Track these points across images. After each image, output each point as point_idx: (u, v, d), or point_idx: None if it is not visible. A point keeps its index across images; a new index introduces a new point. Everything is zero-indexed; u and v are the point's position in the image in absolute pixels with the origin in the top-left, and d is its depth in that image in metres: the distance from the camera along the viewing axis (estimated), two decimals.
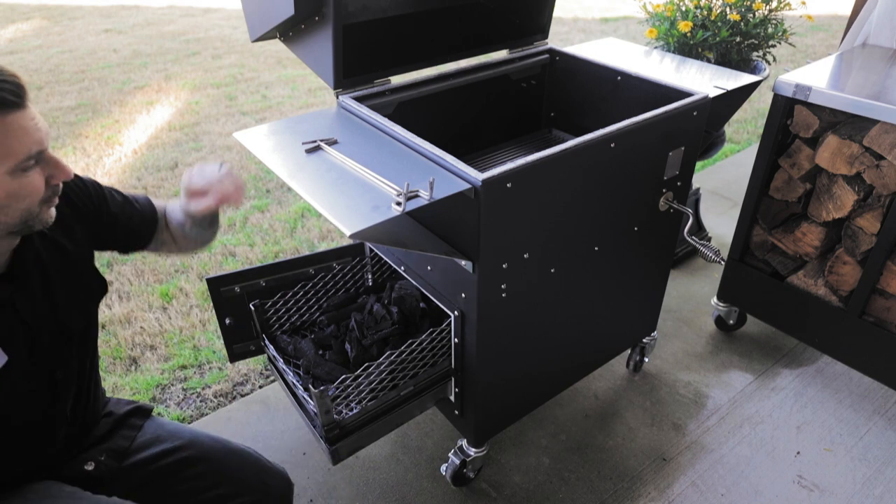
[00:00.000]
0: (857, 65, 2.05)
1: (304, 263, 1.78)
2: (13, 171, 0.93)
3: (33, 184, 0.97)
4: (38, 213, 1.01)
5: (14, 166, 0.93)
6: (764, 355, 2.28)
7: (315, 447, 1.95)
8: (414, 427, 2.00)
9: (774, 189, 2.06)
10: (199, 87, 5.09)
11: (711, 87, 1.70)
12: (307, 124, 1.54)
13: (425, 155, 1.37)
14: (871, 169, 1.81)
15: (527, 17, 1.99)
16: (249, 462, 1.37)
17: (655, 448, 1.94)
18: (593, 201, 1.53)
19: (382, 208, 1.16)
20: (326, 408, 1.40)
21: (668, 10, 2.39)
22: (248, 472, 1.35)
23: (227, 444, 1.37)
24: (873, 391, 2.12)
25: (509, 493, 1.80)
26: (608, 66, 1.86)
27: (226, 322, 1.72)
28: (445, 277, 1.49)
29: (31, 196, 0.97)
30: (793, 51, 5.51)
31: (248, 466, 1.36)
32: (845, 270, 1.97)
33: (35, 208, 0.99)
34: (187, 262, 2.86)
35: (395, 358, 1.49)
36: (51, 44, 6.30)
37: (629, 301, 1.90)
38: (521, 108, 2.12)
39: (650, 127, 1.51)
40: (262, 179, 3.61)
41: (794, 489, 1.81)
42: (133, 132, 4.25)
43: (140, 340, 2.41)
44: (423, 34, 1.82)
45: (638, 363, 2.18)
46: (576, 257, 1.58)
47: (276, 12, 1.51)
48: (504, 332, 1.53)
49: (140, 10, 7.73)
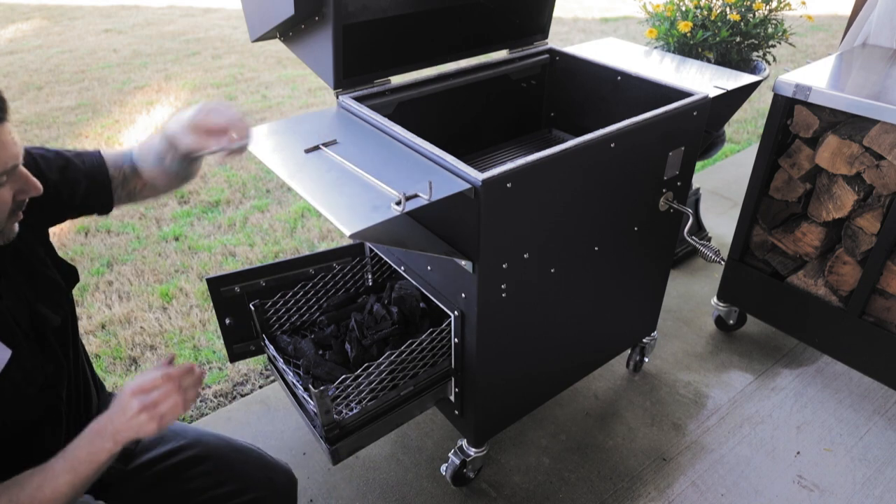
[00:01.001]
0: (857, 65, 2.05)
1: (304, 263, 1.78)
2: None
3: (1, 198, 0.93)
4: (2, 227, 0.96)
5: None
6: (764, 355, 2.28)
7: (315, 447, 1.95)
8: (414, 427, 2.00)
9: (774, 189, 2.06)
10: (199, 87, 5.09)
11: (711, 87, 1.70)
12: (307, 124, 1.54)
13: (425, 155, 1.37)
14: (871, 169, 1.81)
15: (527, 17, 1.99)
16: (254, 458, 1.37)
17: (655, 448, 1.94)
18: (593, 201, 1.53)
19: (382, 208, 1.16)
20: (326, 408, 1.40)
21: (668, 10, 2.39)
22: (252, 468, 1.35)
23: (231, 441, 1.38)
24: (873, 391, 2.12)
25: (509, 493, 1.80)
26: (608, 66, 1.86)
27: (226, 322, 1.72)
28: (445, 277, 1.49)
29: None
30: (793, 51, 5.51)
31: (253, 463, 1.36)
32: (845, 270, 1.97)
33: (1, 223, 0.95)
34: (187, 262, 2.86)
35: (395, 358, 1.49)
36: (51, 44, 6.30)
37: (629, 301, 1.90)
38: (521, 108, 2.12)
39: (650, 127, 1.51)
40: (262, 179, 3.61)
41: (794, 489, 1.81)
42: (133, 132, 4.25)
43: (140, 340, 2.41)
44: (423, 34, 1.82)
45: (638, 363, 2.18)
46: (576, 257, 1.58)
47: (276, 12, 1.51)
48: (504, 332, 1.53)
49: (140, 10, 7.73)
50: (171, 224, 3.18)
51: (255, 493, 1.31)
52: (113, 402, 1.03)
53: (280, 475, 1.38)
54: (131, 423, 1.00)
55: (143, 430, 1.00)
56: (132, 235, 3.09)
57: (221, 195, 3.43)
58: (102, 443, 0.99)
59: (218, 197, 3.42)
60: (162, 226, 3.17)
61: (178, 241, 3.04)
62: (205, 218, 3.23)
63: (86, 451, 0.98)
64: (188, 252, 2.95)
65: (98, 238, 3.06)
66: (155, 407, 1.01)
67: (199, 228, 3.14)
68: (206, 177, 3.63)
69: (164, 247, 2.99)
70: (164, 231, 3.11)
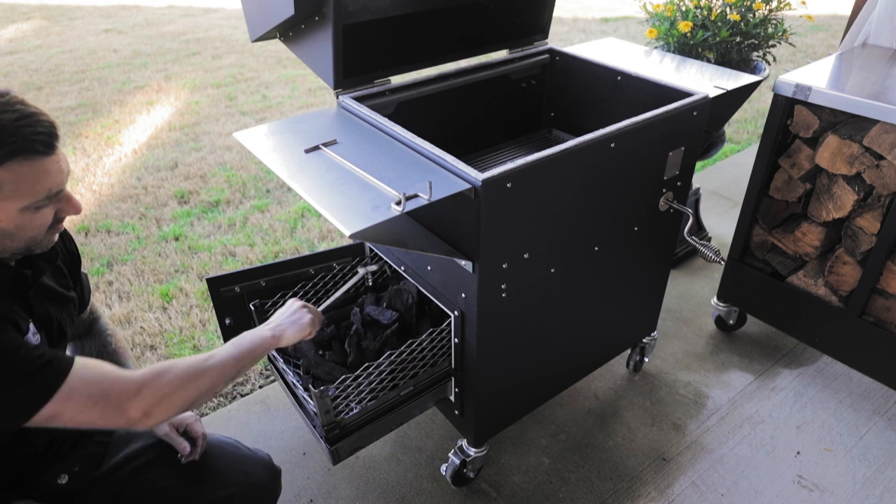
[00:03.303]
0: (857, 65, 2.05)
1: (304, 263, 1.78)
2: (26, 208, 0.97)
3: (43, 217, 1.01)
4: (41, 239, 1.05)
5: (29, 205, 0.97)
6: (764, 355, 2.28)
7: (315, 447, 1.95)
8: (414, 427, 2.00)
9: (774, 189, 2.06)
10: (199, 87, 5.09)
11: (711, 87, 1.70)
12: (307, 124, 1.54)
13: (425, 155, 1.37)
14: (871, 169, 1.81)
15: (527, 17, 1.99)
16: (228, 453, 1.36)
17: (655, 448, 1.94)
18: (593, 201, 1.53)
19: (382, 208, 1.16)
20: (326, 408, 1.40)
21: (668, 10, 2.39)
22: (225, 463, 1.34)
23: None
24: (873, 391, 2.12)
25: (509, 493, 1.80)
26: (608, 66, 1.86)
27: (226, 322, 1.72)
28: (445, 277, 1.49)
29: (38, 228, 1.02)
30: (793, 51, 5.51)
31: (227, 458, 1.35)
32: (845, 270, 1.97)
33: (40, 236, 1.04)
34: (187, 262, 2.86)
35: (395, 358, 1.49)
36: (51, 44, 6.31)
37: (629, 301, 1.90)
38: (521, 108, 2.12)
39: (650, 127, 1.51)
40: (262, 179, 3.61)
41: (794, 489, 1.81)
42: (133, 132, 4.25)
43: (140, 340, 2.41)
44: (422, 34, 1.82)
45: (638, 363, 2.18)
46: (576, 257, 1.58)
47: (276, 12, 1.51)
48: (504, 332, 1.53)
49: (140, 10, 7.73)
50: (171, 224, 3.18)
51: (230, 488, 1.30)
52: (280, 307, 1.33)
53: (257, 467, 1.37)
54: (294, 316, 1.28)
55: (302, 323, 1.27)
56: (132, 235, 3.09)
57: (221, 195, 3.43)
58: (263, 332, 1.21)
59: (218, 197, 3.42)
60: (162, 226, 3.17)
61: (178, 241, 3.04)
62: (205, 218, 3.23)
63: (249, 337, 1.18)
64: (188, 252, 2.95)
65: (98, 238, 3.06)
66: (312, 314, 1.30)
67: (199, 228, 3.14)
68: (207, 177, 3.64)
69: (164, 247, 2.99)
70: (164, 231, 3.11)
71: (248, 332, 1.20)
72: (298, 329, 1.26)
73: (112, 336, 1.43)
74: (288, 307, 1.31)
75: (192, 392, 1.04)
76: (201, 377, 1.05)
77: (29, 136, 0.93)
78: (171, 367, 1.04)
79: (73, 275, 1.28)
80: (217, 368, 1.08)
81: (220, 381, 1.09)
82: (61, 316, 1.19)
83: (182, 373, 1.04)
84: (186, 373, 1.04)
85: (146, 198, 3.42)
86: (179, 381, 1.03)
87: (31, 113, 0.95)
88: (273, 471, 1.40)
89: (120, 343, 1.43)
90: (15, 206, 0.96)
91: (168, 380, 1.02)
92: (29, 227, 1.00)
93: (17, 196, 0.95)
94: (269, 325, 1.25)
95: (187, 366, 1.05)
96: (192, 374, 1.05)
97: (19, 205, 0.96)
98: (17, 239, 1.00)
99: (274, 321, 1.27)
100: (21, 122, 0.93)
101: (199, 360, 1.07)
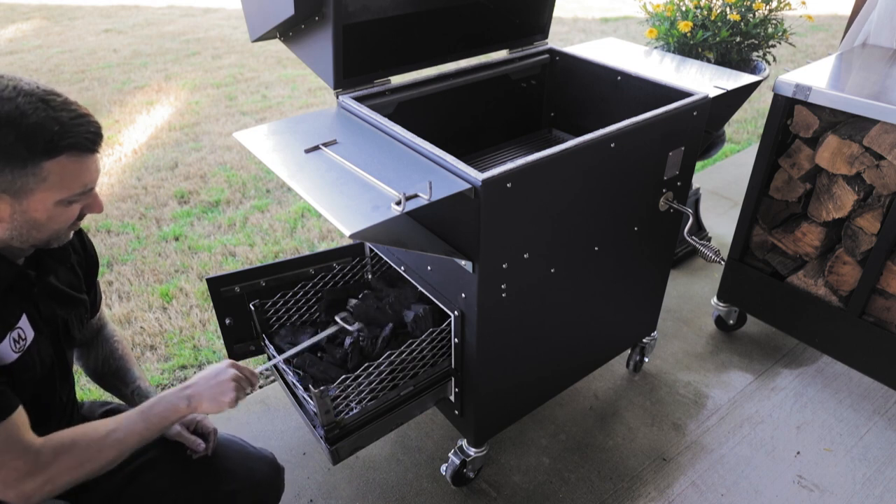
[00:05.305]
0: (856, 65, 2.05)
1: (304, 263, 1.78)
2: (61, 201, 1.03)
3: (71, 212, 1.07)
4: (63, 234, 1.11)
5: (64, 198, 1.03)
6: (764, 355, 2.28)
7: (315, 447, 1.95)
8: (414, 427, 2.00)
9: (774, 189, 2.06)
10: (199, 87, 5.09)
11: (711, 87, 1.70)
12: (307, 124, 1.54)
13: (425, 155, 1.37)
14: (871, 169, 1.81)
15: (527, 17, 1.99)
16: (233, 450, 1.37)
17: (655, 448, 1.94)
18: (593, 201, 1.53)
19: (382, 208, 1.16)
20: (326, 408, 1.40)
21: (668, 10, 2.39)
22: (230, 460, 1.35)
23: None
24: (873, 391, 2.12)
25: (509, 493, 1.80)
26: (608, 66, 1.86)
27: (226, 322, 1.72)
28: (445, 277, 1.49)
29: (65, 222, 1.08)
30: (793, 51, 5.51)
31: (231, 454, 1.36)
32: (845, 270, 1.97)
33: (63, 230, 1.09)
34: (187, 262, 2.86)
35: (394, 358, 1.49)
36: (51, 44, 6.30)
37: (629, 301, 1.90)
38: (521, 108, 2.12)
39: (650, 127, 1.51)
40: (262, 179, 3.61)
41: (794, 489, 1.81)
42: (133, 132, 4.25)
43: (140, 340, 2.41)
44: (422, 34, 1.82)
45: (638, 363, 2.18)
46: (576, 257, 1.58)
47: (276, 12, 1.51)
48: (504, 332, 1.53)
49: (140, 10, 7.73)
50: (171, 224, 3.18)
51: (232, 484, 1.31)
52: (206, 368, 1.26)
53: (261, 464, 1.38)
54: (216, 389, 1.20)
55: (221, 400, 1.20)
56: (132, 235, 3.09)
57: (221, 195, 3.43)
58: (178, 402, 1.16)
59: (218, 197, 3.42)
60: (162, 226, 3.17)
61: (178, 241, 3.04)
62: (205, 218, 3.23)
63: (162, 406, 1.15)
64: (188, 252, 2.95)
65: (98, 238, 3.06)
66: (239, 384, 1.23)
67: (199, 228, 3.14)
68: (207, 177, 3.64)
69: (164, 247, 2.99)
70: (164, 231, 3.11)
71: (162, 398, 1.16)
72: (216, 406, 1.20)
73: (119, 342, 1.44)
74: (216, 373, 1.23)
75: (90, 467, 1.06)
76: (103, 453, 1.07)
77: (82, 134, 1.00)
78: (73, 444, 1.05)
79: (89, 278, 1.30)
80: (119, 444, 1.09)
81: (121, 455, 1.10)
82: (69, 317, 1.21)
83: (82, 452, 1.05)
84: (87, 451, 1.06)
85: (146, 198, 3.42)
86: (78, 461, 1.05)
87: (83, 113, 1.02)
88: (277, 468, 1.41)
89: (126, 350, 1.45)
90: (52, 198, 1.01)
91: (67, 464, 1.03)
92: (58, 220, 1.05)
93: (57, 188, 1.01)
94: (186, 391, 1.19)
95: (88, 443, 1.06)
96: (92, 451, 1.06)
97: (57, 197, 1.02)
98: (43, 230, 1.05)
99: (194, 386, 1.20)
100: (76, 120, 1.00)
101: (101, 435, 1.08)
